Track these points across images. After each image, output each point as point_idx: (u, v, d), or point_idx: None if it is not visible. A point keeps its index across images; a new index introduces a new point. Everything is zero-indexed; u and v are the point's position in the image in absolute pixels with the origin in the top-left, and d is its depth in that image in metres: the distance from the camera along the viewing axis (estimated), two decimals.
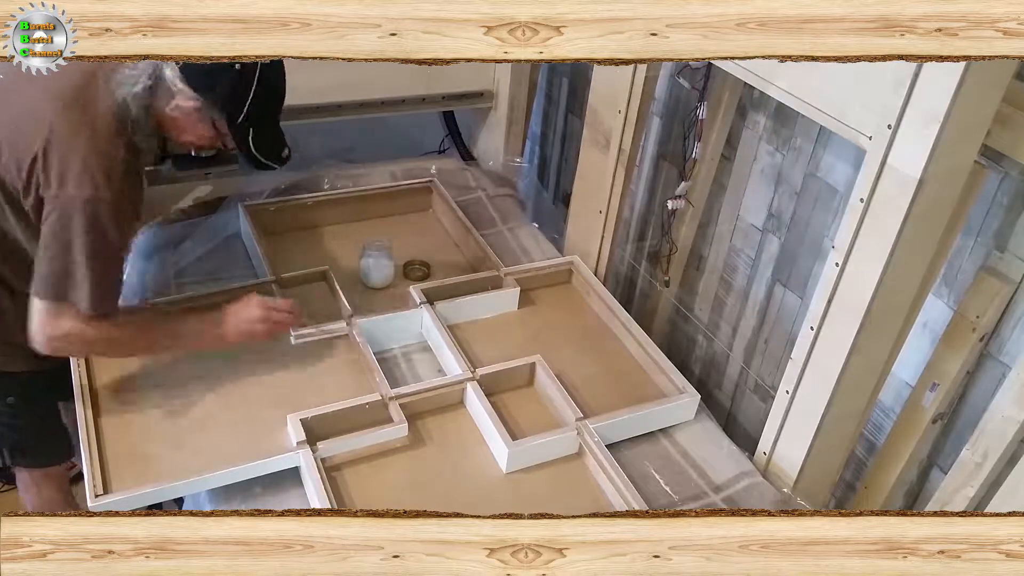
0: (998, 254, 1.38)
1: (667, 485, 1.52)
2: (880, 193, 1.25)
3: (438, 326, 1.73)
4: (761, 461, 1.58)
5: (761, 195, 1.82)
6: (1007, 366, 1.37)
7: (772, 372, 1.86)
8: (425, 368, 1.72)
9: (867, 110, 1.23)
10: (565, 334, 1.82)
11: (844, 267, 1.33)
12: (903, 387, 1.55)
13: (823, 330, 1.40)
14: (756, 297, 1.89)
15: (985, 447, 1.34)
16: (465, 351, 1.70)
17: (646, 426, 1.61)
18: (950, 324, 1.43)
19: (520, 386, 1.68)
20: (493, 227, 2.15)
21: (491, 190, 2.29)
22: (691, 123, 1.79)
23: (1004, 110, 1.20)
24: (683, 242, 2.00)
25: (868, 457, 1.65)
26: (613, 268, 2.05)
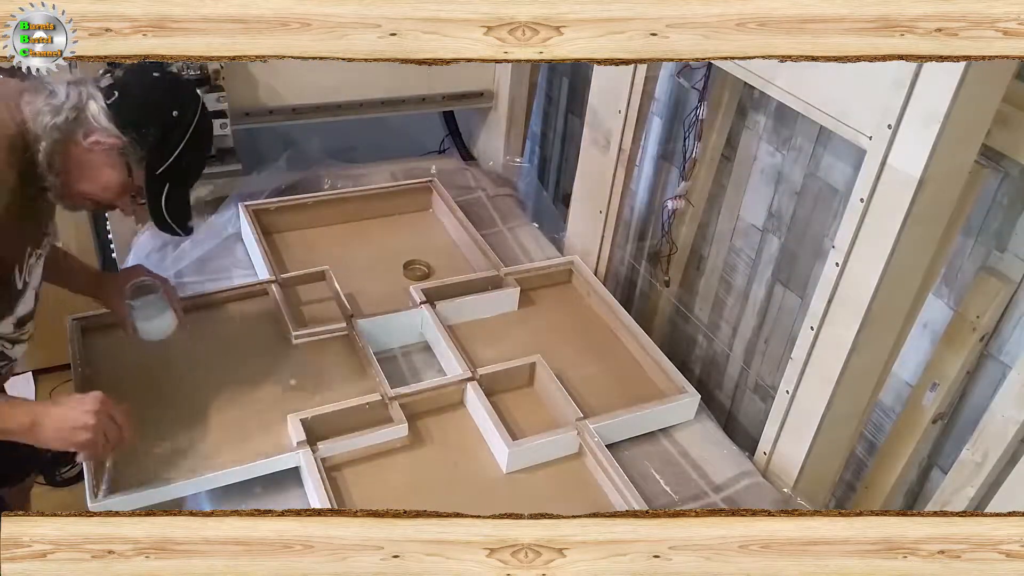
0: (998, 254, 1.38)
1: (667, 485, 1.52)
2: (880, 193, 1.25)
3: (438, 326, 1.73)
4: (761, 461, 1.58)
5: (761, 195, 1.82)
6: (1007, 366, 1.37)
7: (772, 372, 1.86)
8: (425, 368, 1.72)
9: (867, 110, 1.23)
10: (565, 334, 1.82)
11: (844, 267, 1.33)
12: (903, 387, 1.55)
13: (823, 330, 1.40)
14: (756, 297, 1.89)
15: (985, 447, 1.34)
16: (465, 351, 1.70)
17: (646, 426, 1.61)
18: (950, 324, 1.43)
19: (520, 386, 1.68)
20: (493, 227, 2.15)
21: (491, 190, 2.29)
22: (691, 123, 1.79)
23: (1004, 110, 1.20)
24: (683, 242, 2.00)
25: (868, 457, 1.65)
26: (613, 268, 2.05)
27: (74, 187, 1.27)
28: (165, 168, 1.28)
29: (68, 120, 1.22)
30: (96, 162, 1.26)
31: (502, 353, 1.71)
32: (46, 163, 1.22)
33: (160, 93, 1.29)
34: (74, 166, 1.25)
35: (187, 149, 1.28)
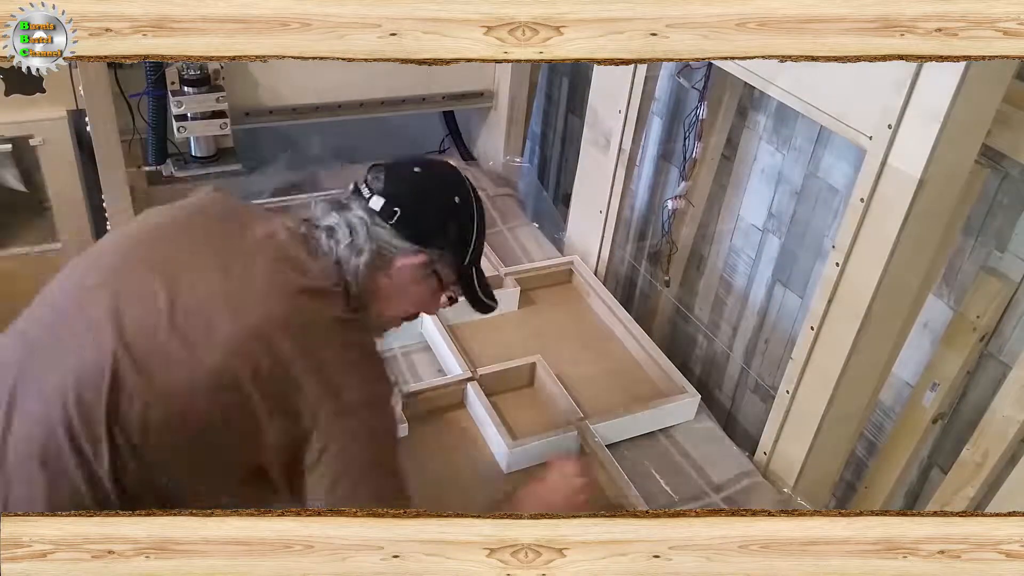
0: (998, 254, 1.38)
1: (667, 485, 1.52)
2: (880, 193, 1.25)
3: (438, 326, 1.72)
4: (761, 461, 1.58)
5: (761, 195, 1.82)
6: (1007, 366, 1.37)
7: (772, 372, 1.86)
8: (425, 368, 1.72)
9: (867, 110, 1.23)
10: (565, 334, 1.82)
11: (844, 267, 1.33)
12: (903, 387, 1.55)
13: (823, 330, 1.40)
14: (756, 297, 1.89)
15: (985, 447, 1.34)
16: (465, 351, 1.69)
17: (646, 426, 1.61)
18: (950, 324, 1.43)
19: (520, 386, 1.68)
20: (493, 227, 2.15)
21: (491, 190, 2.29)
22: (691, 123, 1.79)
23: (1004, 110, 1.20)
24: (683, 242, 2.00)
25: (868, 457, 1.65)
26: (613, 268, 2.05)
27: (389, 314, 1.22)
28: (469, 256, 1.22)
29: (372, 253, 1.13)
30: (407, 283, 1.18)
31: (502, 353, 1.71)
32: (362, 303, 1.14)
33: (437, 190, 1.20)
34: (385, 296, 1.17)
35: (479, 228, 1.22)
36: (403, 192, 1.17)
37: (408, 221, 1.15)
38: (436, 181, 1.22)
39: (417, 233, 1.15)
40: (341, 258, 1.12)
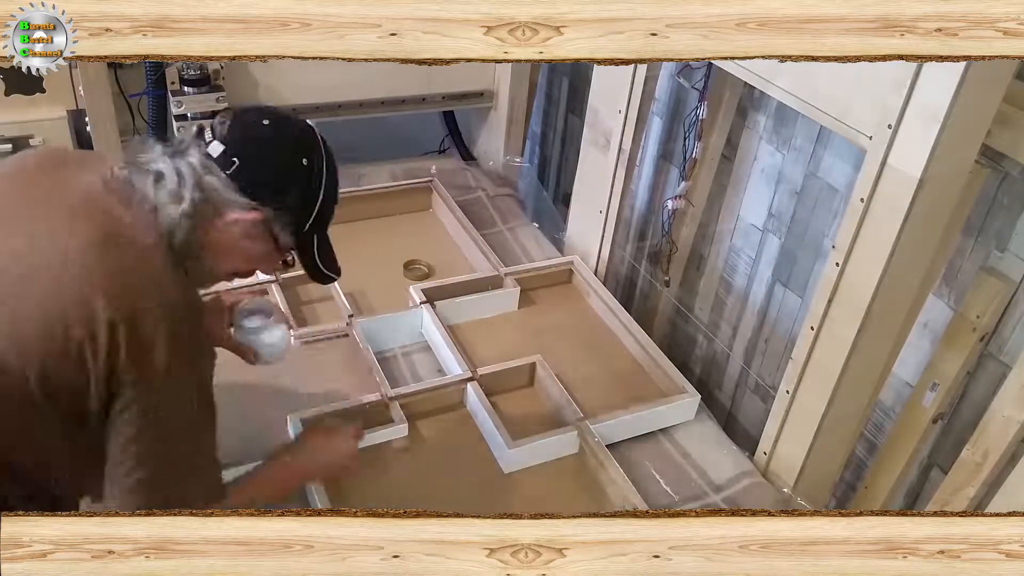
0: (998, 254, 1.38)
1: (667, 485, 1.52)
2: (880, 193, 1.25)
3: (438, 326, 1.72)
4: (761, 461, 1.58)
5: (761, 195, 1.82)
6: (1007, 366, 1.37)
7: (772, 372, 1.86)
8: (425, 368, 1.72)
9: (867, 110, 1.23)
10: (565, 334, 1.82)
11: (844, 267, 1.33)
12: (903, 387, 1.55)
13: (823, 330, 1.40)
14: (756, 297, 1.89)
15: (985, 447, 1.34)
16: (465, 351, 1.70)
17: (646, 426, 1.61)
18: (950, 324, 1.43)
19: (520, 386, 1.68)
20: (493, 227, 2.15)
21: (491, 190, 2.29)
22: (691, 123, 1.79)
23: (1004, 110, 1.20)
24: (683, 242, 2.00)
25: (868, 457, 1.65)
26: (613, 268, 2.05)
27: (219, 269, 1.15)
28: (311, 222, 1.15)
29: (195, 203, 1.06)
30: (237, 239, 1.11)
31: (502, 353, 1.71)
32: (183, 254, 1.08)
33: (283, 147, 1.13)
34: (213, 249, 1.11)
35: (327, 195, 1.15)
36: (247, 143, 1.10)
37: (245, 174, 1.08)
38: (286, 139, 1.14)
39: (253, 188, 1.08)
40: (159, 206, 1.06)
